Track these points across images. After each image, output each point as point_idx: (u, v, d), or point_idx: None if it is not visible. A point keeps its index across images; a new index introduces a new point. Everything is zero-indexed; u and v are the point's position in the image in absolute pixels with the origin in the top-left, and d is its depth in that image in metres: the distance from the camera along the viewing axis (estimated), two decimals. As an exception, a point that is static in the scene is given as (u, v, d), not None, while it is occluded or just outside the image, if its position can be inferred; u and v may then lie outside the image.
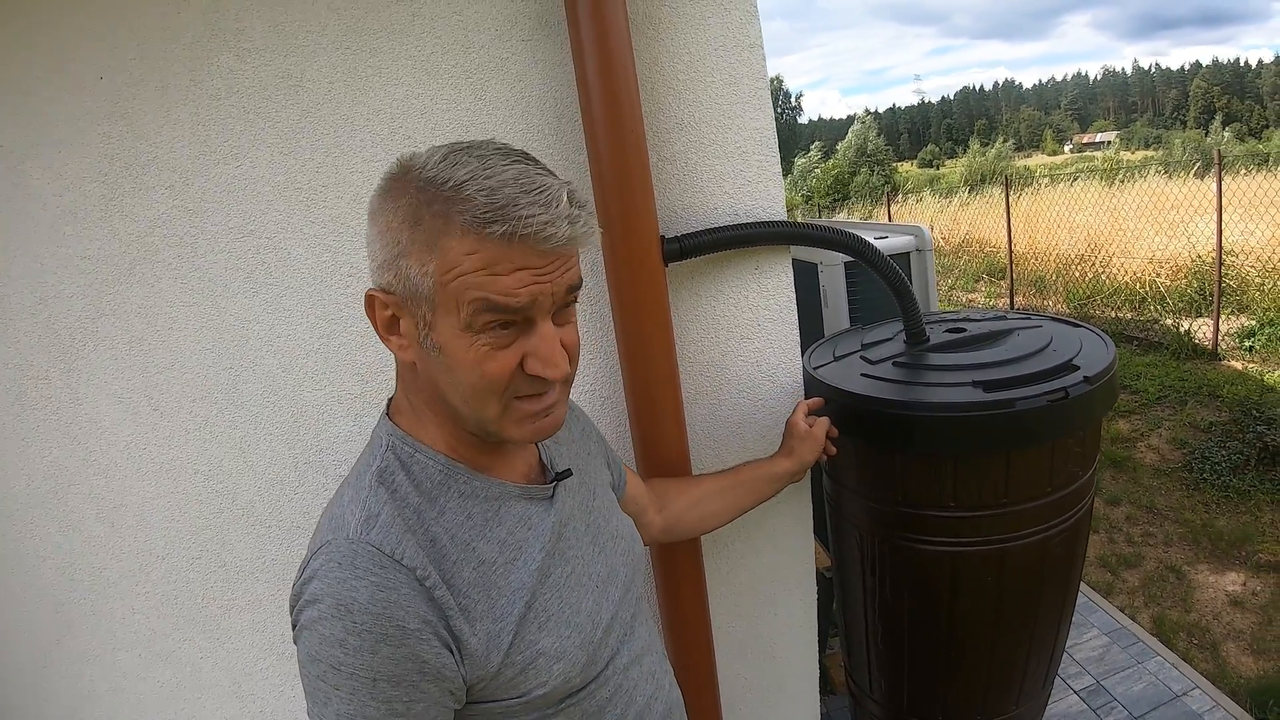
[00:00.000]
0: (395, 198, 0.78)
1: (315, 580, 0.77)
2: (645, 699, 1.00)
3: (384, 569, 0.76)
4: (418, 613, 0.77)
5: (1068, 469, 1.48)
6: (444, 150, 0.78)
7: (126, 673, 1.72)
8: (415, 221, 0.76)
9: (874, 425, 1.47)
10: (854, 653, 1.87)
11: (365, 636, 0.74)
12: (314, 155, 1.42)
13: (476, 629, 0.81)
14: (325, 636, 0.74)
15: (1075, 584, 1.68)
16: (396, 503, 0.82)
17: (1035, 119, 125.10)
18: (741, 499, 1.44)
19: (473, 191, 0.74)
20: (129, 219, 1.45)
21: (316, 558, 0.78)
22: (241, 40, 1.38)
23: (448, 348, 0.79)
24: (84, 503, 1.61)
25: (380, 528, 0.79)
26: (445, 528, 0.83)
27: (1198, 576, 3.80)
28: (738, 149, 1.49)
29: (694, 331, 1.57)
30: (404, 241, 0.77)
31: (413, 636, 0.76)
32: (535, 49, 1.41)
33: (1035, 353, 1.53)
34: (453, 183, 0.74)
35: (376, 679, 0.74)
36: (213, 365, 1.51)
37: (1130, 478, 4.86)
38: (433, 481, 0.85)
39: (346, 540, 0.78)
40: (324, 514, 0.86)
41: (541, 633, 0.86)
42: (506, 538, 0.88)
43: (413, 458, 0.86)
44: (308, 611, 0.76)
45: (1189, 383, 6.14)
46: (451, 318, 0.77)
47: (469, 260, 0.74)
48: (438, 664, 0.77)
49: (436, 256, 0.75)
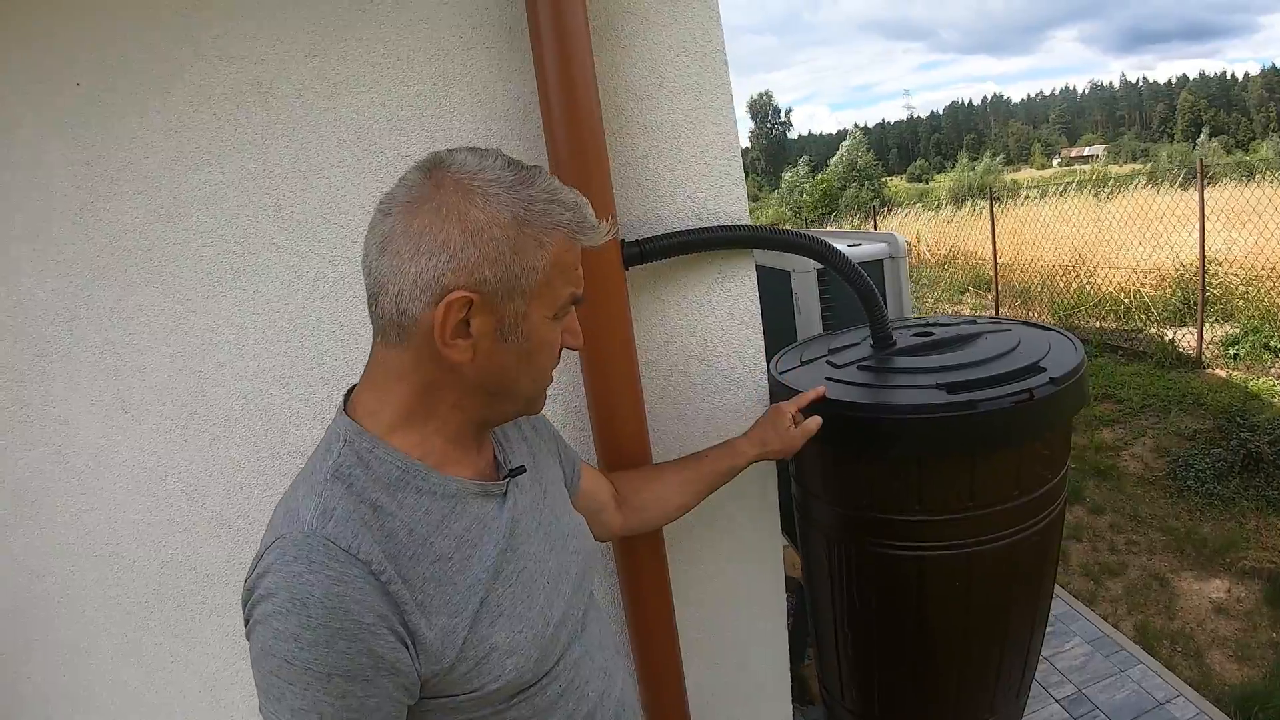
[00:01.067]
0: (483, 201, 0.82)
1: (269, 575, 0.76)
2: (597, 694, 1.01)
3: (339, 563, 0.76)
4: (373, 607, 0.77)
5: (1036, 472, 1.48)
6: (502, 158, 0.86)
7: (99, 676, 1.72)
8: (523, 221, 0.83)
9: (838, 429, 1.47)
10: (825, 659, 1.87)
11: (320, 631, 0.74)
12: (283, 161, 1.44)
13: (432, 624, 0.81)
14: (279, 631, 0.74)
15: (1048, 590, 1.69)
16: (353, 497, 0.82)
17: (1023, 133, 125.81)
18: (702, 489, 1.43)
19: (563, 197, 0.86)
20: (103, 223, 1.46)
21: (270, 552, 0.78)
22: (213, 48, 1.39)
23: (536, 334, 0.88)
24: (56, 504, 1.60)
25: (336, 522, 0.79)
26: (403, 523, 0.83)
27: (1181, 584, 3.81)
28: (699, 153, 1.51)
29: (657, 336, 1.58)
30: (512, 238, 0.82)
31: (368, 631, 0.76)
32: (500, 56, 1.42)
33: (1001, 355, 1.54)
34: (547, 189, 0.85)
35: (331, 674, 0.74)
36: (183, 368, 1.52)
37: (1114, 486, 4.87)
38: (390, 477, 0.85)
39: (302, 534, 0.78)
40: (278, 508, 0.85)
41: (494, 628, 0.87)
42: (463, 534, 0.88)
43: (371, 453, 0.85)
44: (261, 606, 0.76)
45: (1173, 391, 6.17)
46: (544, 308, 0.87)
47: (567, 257, 0.87)
48: (393, 659, 0.78)
49: (545, 254, 0.85)
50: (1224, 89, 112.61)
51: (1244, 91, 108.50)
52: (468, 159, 0.84)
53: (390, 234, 0.82)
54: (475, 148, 0.86)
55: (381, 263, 0.83)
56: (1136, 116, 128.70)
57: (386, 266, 0.82)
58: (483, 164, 0.83)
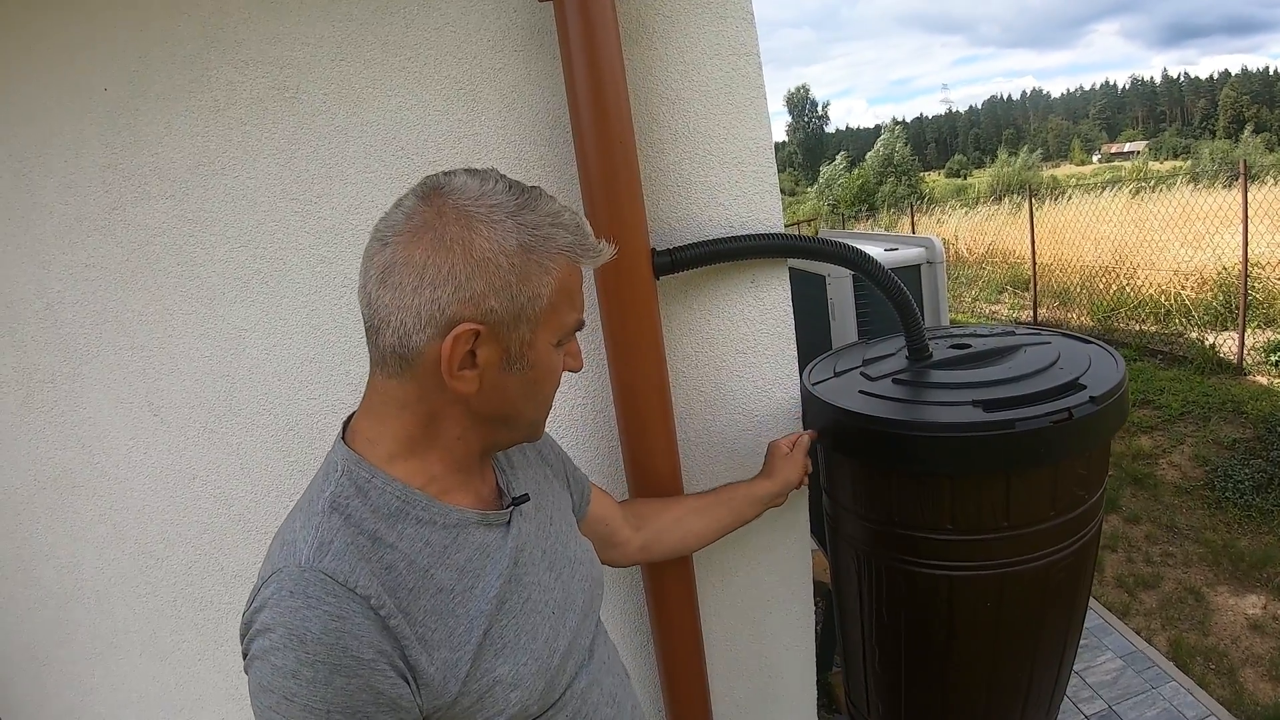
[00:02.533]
0: (487, 229, 0.80)
1: (266, 609, 0.75)
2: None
3: (337, 598, 0.75)
4: (372, 643, 0.76)
5: (1073, 492, 1.44)
6: (502, 180, 0.84)
7: (126, 672, 1.74)
8: (528, 248, 0.81)
9: (871, 444, 1.44)
10: (852, 672, 1.84)
11: (319, 668, 0.73)
12: (310, 166, 1.43)
13: (434, 657, 0.80)
14: (277, 667, 0.73)
15: (1080, 612, 1.64)
16: (350, 529, 0.80)
17: (1063, 129, 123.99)
18: (722, 519, 1.43)
19: (565, 220, 0.85)
20: (131, 227, 1.48)
21: (267, 586, 0.77)
22: (240, 52, 1.40)
23: (541, 362, 0.87)
24: (87, 504, 1.63)
25: (334, 555, 0.78)
26: (402, 554, 0.82)
27: (1217, 599, 3.73)
28: (734, 159, 1.48)
29: (687, 346, 1.56)
30: (517, 266, 0.81)
31: (367, 667, 0.75)
32: (528, 60, 1.41)
33: (1040, 371, 1.49)
34: (549, 212, 0.84)
35: (330, 710, 0.73)
36: (210, 372, 1.53)
37: (1151, 495, 4.78)
38: (389, 508, 0.84)
39: (298, 568, 0.77)
40: (275, 540, 0.84)
41: (498, 660, 0.86)
42: (465, 564, 0.87)
43: (370, 483, 0.84)
44: (259, 641, 0.75)
45: (1213, 398, 6.03)
46: (549, 334, 0.86)
47: (571, 281, 0.87)
48: (393, 694, 0.76)
49: (552, 278, 0.83)
50: (1267, 85, 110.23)
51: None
52: (468, 183, 0.82)
53: (391, 264, 0.80)
54: (473, 169, 0.84)
55: (382, 294, 0.81)
56: (1178, 112, 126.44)
57: (388, 298, 0.80)
58: (484, 188, 0.81)
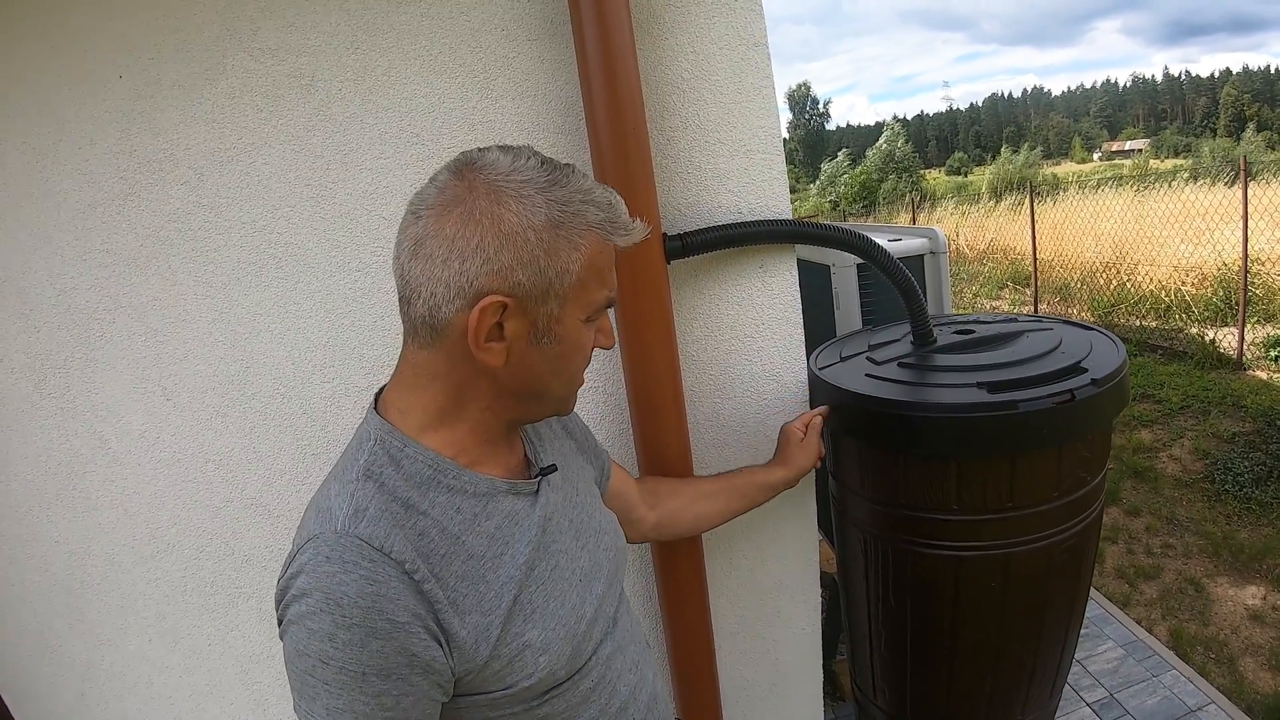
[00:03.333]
0: (516, 203, 0.80)
1: (303, 575, 0.77)
2: (629, 689, 1.02)
3: (372, 562, 0.77)
4: (407, 606, 0.77)
5: (1075, 474, 1.46)
6: (535, 156, 0.84)
7: (135, 656, 1.75)
8: (557, 223, 0.82)
9: (877, 426, 1.46)
10: (858, 658, 1.86)
11: (355, 630, 0.74)
12: (325, 152, 1.45)
13: (465, 622, 0.82)
14: (314, 631, 0.75)
15: (1084, 592, 1.66)
16: (384, 496, 0.82)
17: (1064, 126, 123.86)
18: (734, 503, 1.45)
19: (597, 197, 0.85)
20: (146, 213, 1.49)
21: (304, 552, 0.78)
22: (255, 40, 1.41)
23: (569, 337, 0.87)
24: (98, 489, 1.64)
25: (369, 521, 0.79)
26: (434, 521, 0.84)
27: (1217, 589, 3.75)
28: (742, 147, 1.50)
29: (697, 330, 1.58)
30: (545, 240, 0.81)
31: (402, 630, 0.76)
32: (541, 48, 1.42)
33: (1043, 354, 1.51)
34: (580, 189, 0.84)
35: (366, 673, 0.75)
36: (224, 357, 1.54)
37: (1151, 488, 4.80)
38: (421, 476, 0.85)
39: (334, 533, 0.78)
40: (309, 507, 0.86)
41: (528, 625, 0.87)
42: (495, 532, 0.88)
43: (402, 452, 0.86)
44: (295, 606, 0.77)
45: (1213, 392, 6.05)
46: (577, 310, 0.86)
47: (600, 258, 0.86)
48: (427, 657, 0.78)
49: (580, 254, 0.84)
50: (1268, 83, 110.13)
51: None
52: (500, 159, 0.82)
53: (422, 237, 0.81)
54: (507, 146, 0.85)
55: (414, 266, 0.82)
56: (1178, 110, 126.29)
57: (419, 270, 0.82)
58: (515, 164, 0.82)
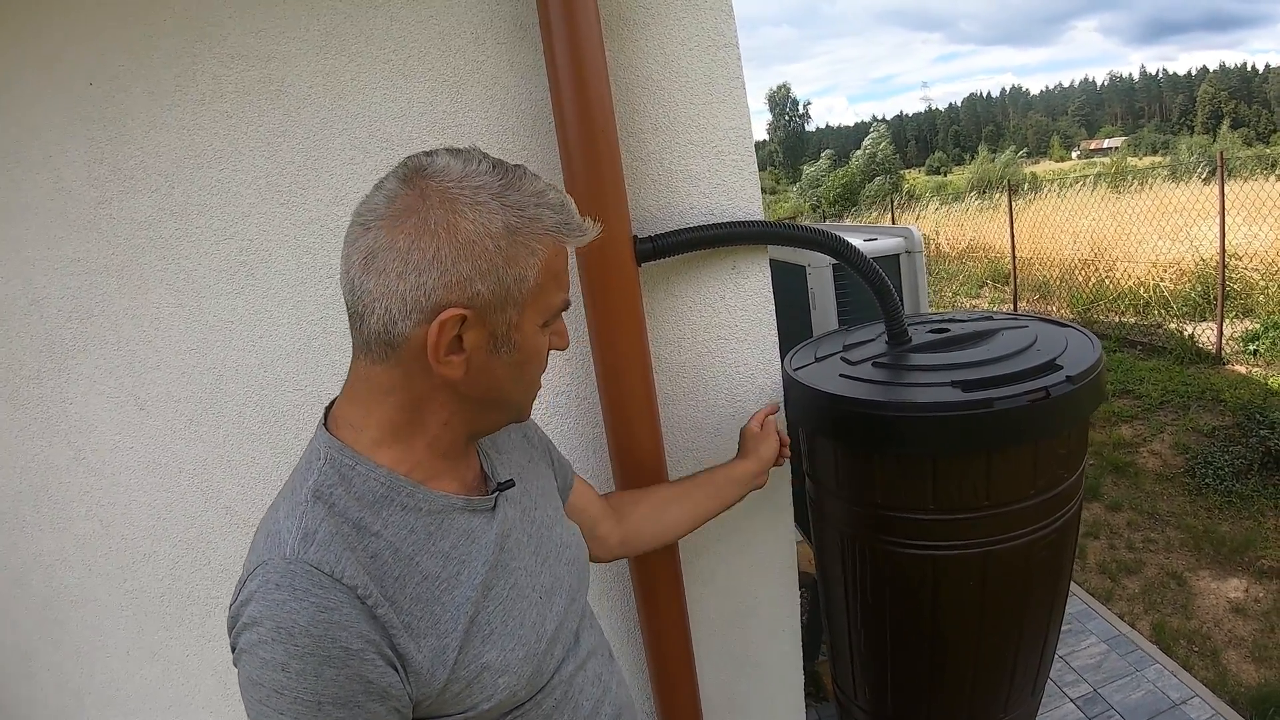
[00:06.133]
0: (471, 211, 0.78)
1: (253, 602, 0.75)
2: (592, 703, 1.00)
3: (324, 589, 0.75)
4: (360, 632, 0.75)
5: (1052, 471, 1.47)
6: (485, 159, 0.82)
7: (114, 670, 1.74)
8: (514, 230, 0.80)
9: (852, 426, 1.46)
10: (839, 658, 1.86)
11: (308, 660, 0.72)
12: (295, 158, 1.44)
13: (421, 645, 0.80)
14: (266, 660, 0.73)
15: (1063, 589, 1.67)
16: (335, 518, 0.80)
17: (1042, 125, 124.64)
18: (702, 504, 1.41)
19: (550, 199, 0.83)
20: (117, 221, 1.48)
21: (253, 578, 0.76)
22: (225, 46, 1.40)
23: (527, 344, 0.86)
24: (74, 500, 1.63)
25: (319, 545, 0.77)
26: (387, 542, 0.81)
27: (1199, 583, 3.77)
28: (713, 148, 1.50)
29: (669, 333, 1.58)
30: (504, 248, 0.79)
31: (356, 657, 0.74)
32: (511, 52, 1.42)
33: (1018, 352, 1.52)
34: (534, 191, 0.82)
35: (321, 702, 0.73)
36: (196, 365, 1.54)
37: (1132, 483, 4.83)
38: (373, 495, 0.83)
39: (283, 559, 0.76)
40: (259, 531, 0.83)
41: (486, 646, 0.85)
42: (450, 551, 0.86)
43: (353, 470, 0.83)
44: (246, 635, 0.74)
45: (1192, 387, 6.09)
46: (536, 315, 0.85)
47: (557, 261, 0.85)
48: (383, 683, 0.76)
49: (538, 259, 0.82)
50: (1245, 81, 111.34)
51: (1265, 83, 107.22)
52: (450, 164, 0.80)
53: (374, 249, 0.78)
54: (455, 149, 0.83)
55: (366, 280, 0.79)
56: (1156, 109, 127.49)
57: (372, 284, 0.79)
58: (466, 169, 0.80)
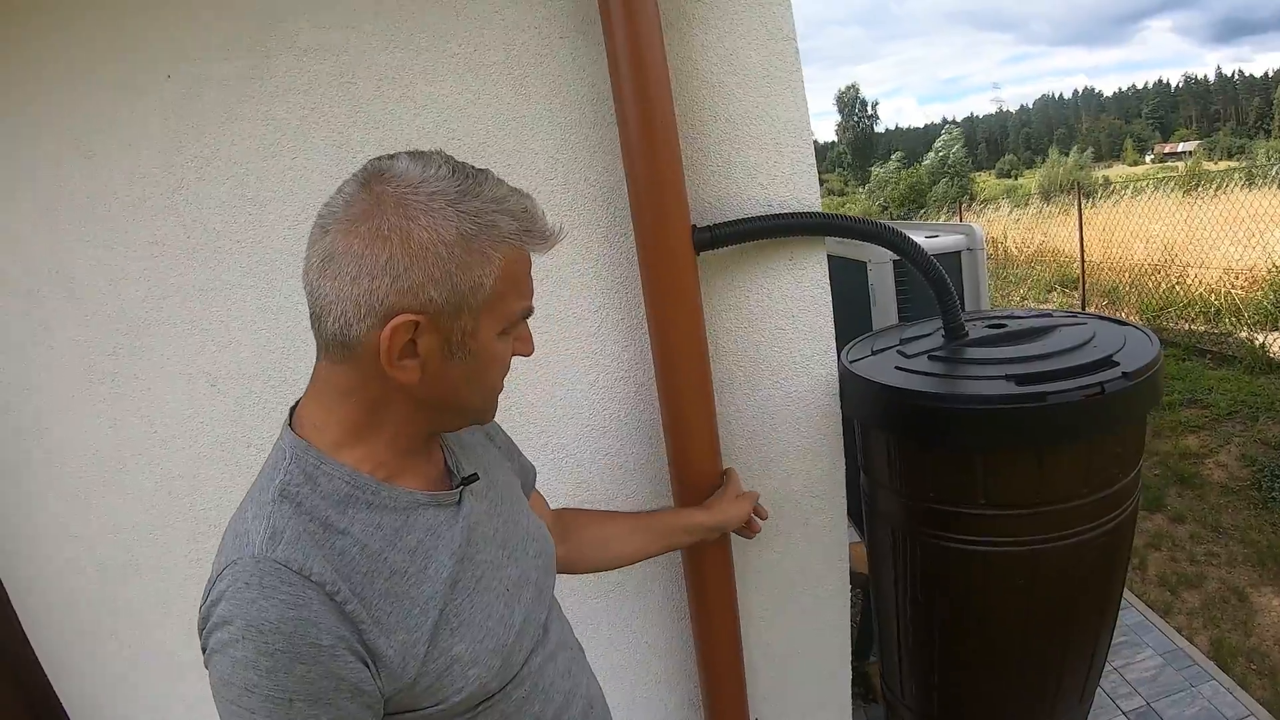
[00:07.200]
0: (426, 218, 0.78)
1: (223, 601, 0.75)
2: (563, 695, 1.02)
3: (292, 586, 0.75)
4: (330, 629, 0.76)
5: (1106, 470, 1.44)
6: (447, 164, 0.82)
7: (177, 642, 1.80)
8: (469, 237, 0.79)
9: (904, 418, 1.47)
10: (886, 653, 1.86)
11: (279, 657, 0.73)
12: (364, 148, 1.49)
13: (391, 640, 0.81)
14: (237, 659, 0.73)
15: (1115, 595, 1.64)
16: (302, 517, 0.80)
17: (1115, 128, 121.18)
18: (650, 544, 1.40)
19: (511, 205, 0.82)
20: (194, 206, 1.54)
21: (222, 578, 0.76)
22: (297, 41, 1.46)
23: (485, 351, 0.85)
24: (145, 473, 1.69)
25: (286, 543, 0.77)
26: (354, 539, 0.82)
27: (1261, 599, 3.65)
28: (772, 141, 1.51)
29: (727, 320, 1.60)
30: (457, 255, 0.79)
31: (326, 653, 0.75)
32: (573, 45, 1.46)
33: (1075, 348, 1.50)
34: (493, 198, 0.81)
35: (293, 699, 0.74)
36: (266, 345, 1.59)
37: (1196, 495, 4.69)
38: (339, 494, 0.84)
39: (252, 558, 0.76)
40: (227, 530, 0.84)
41: (455, 639, 0.86)
42: (416, 546, 0.87)
43: (318, 469, 0.84)
44: (217, 634, 0.75)
45: (1262, 398, 5.88)
46: (493, 322, 0.84)
47: (516, 268, 0.83)
48: (354, 679, 0.77)
49: (494, 267, 0.81)
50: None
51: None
52: (409, 169, 0.80)
53: (331, 252, 0.79)
54: (418, 152, 0.82)
55: (323, 283, 0.80)
56: (1232, 111, 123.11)
57: (329, 287, 0.79)
58: (425, 174, 0.79)
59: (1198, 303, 8.38)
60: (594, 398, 1.63)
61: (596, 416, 1.65)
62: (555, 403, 1.63)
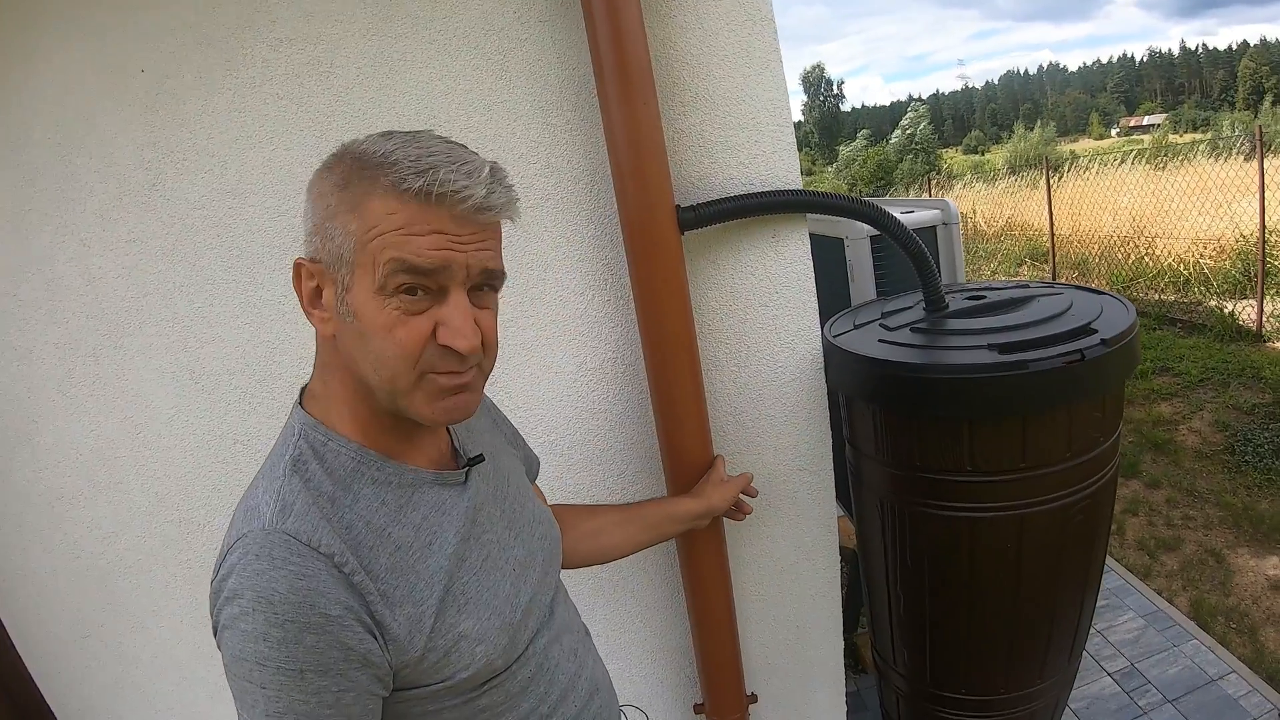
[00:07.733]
0: (331, 170, 0.81)
1: (234, 575, 0.75)
2: (568, 677, 1.03)
3: (301, 557, 0.76)
4: (339, 599, 0.76)
5: (1087, 434, 1.47)
6: (383, 132, 0.83)
7: (168, 640, 1.80)
8: (344, 185, 0.79)
9: (890, 389, 1.48)
10: (878, 624, 1.88)
11: (288, 627, 0.73)
12: (344, 138, 1.44)
13: (397, 614, 0.81)
14: (247, 632, 0.73)
15: (1100, 554, 1.68)
16: (310, 491, 0.81)
17: (1081, 102, 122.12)
18: (640, 534, 1.42)
19: (400, 158, 0.78)
20: (171, 202, 1.52)
21: (233, 552, 0.77)
22: (274, 30, 1.44)
23: (362, 311, 0.80)
24: (129, 474, 1.68)
25: (295, 516, 0.78)
26: (360, 514, 0.83)
27: (1238, 560, 3.74)
28: (751, 120, 1.52)
29: (712, 300, 1.61)
30: (332, 205, 0.80)
31: (336, 623, 0.76)
32: (553, 28, 1.45)
33: (1053, 317, 1.53)
34: (382, 153, 0.79)
35: (304, 670, 0.74)
36: (250, 340, 1.59)
37: (1171, 460, 4.78)
38: (345, 469, 0.85)
39: (262, 531, 0.77)
40: (238, 507, 0.84)
41: (461, 615, 0.87)
42: (421, 522, 0.88)
43: (325, 445, 0.85)
44: (228, 609, 0.75)
45: (1232, 365, 6.01)
46: (367, 279, 0.79)
47: (388, 220, 0.77)
48: (363, 650, 0.78)
49: (359, 217, 0.78)
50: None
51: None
52: (372, 137, 0.82)
53: None
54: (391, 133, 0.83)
55: None
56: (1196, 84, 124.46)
57: None
58: (360, 139, 0.82)
59: (1167, 273, 8.51)
60: (582, 380, 1.64)
61: (585, 399, 1.66)
62: (544, 385, 1.64)
